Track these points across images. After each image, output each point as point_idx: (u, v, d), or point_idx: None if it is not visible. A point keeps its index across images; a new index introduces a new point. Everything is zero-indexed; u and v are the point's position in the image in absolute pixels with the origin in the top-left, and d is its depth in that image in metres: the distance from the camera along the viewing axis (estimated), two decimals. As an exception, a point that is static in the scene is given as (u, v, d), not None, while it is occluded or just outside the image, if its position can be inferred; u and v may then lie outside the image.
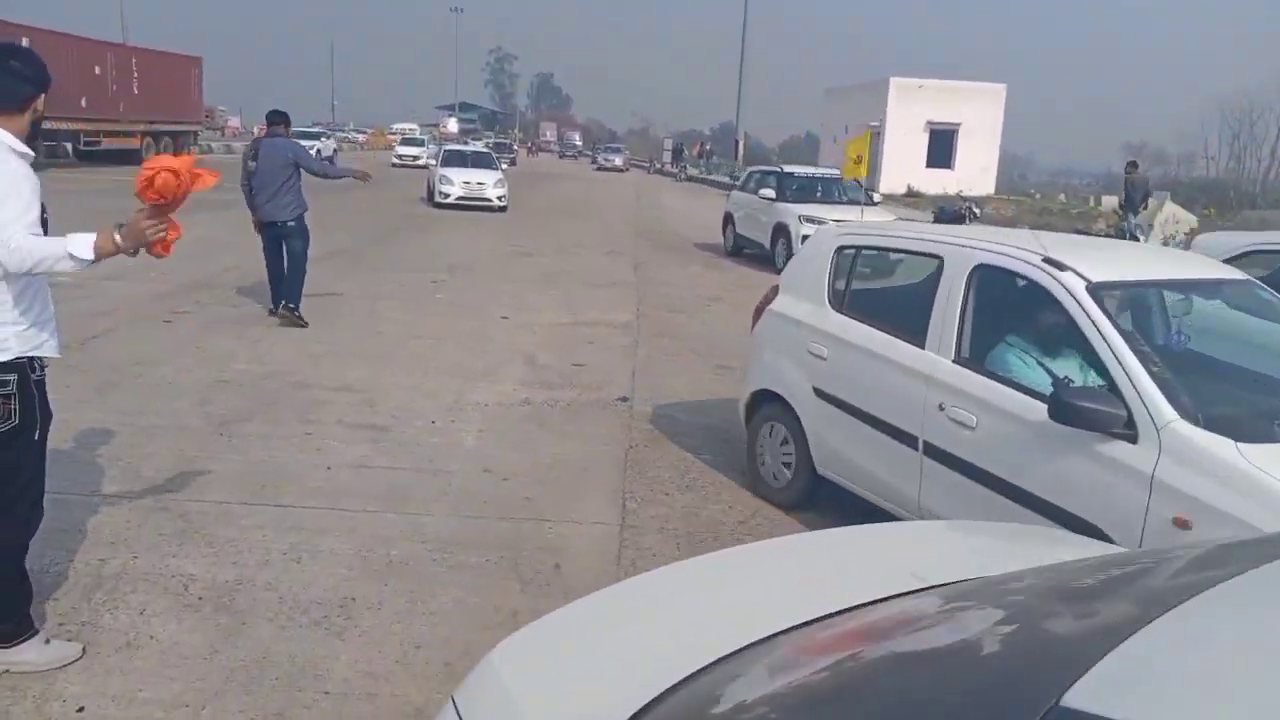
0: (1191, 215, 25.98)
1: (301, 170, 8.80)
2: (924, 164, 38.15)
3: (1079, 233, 16.09)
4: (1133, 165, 20.12)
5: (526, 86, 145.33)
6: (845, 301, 4.75)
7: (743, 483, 5.27)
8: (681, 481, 5.23)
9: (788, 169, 17.95)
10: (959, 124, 38.29)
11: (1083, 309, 3.50)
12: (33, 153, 3.01)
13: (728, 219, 17.44)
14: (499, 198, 22.18)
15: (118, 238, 2.93)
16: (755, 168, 20.07)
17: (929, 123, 38.38)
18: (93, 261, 2.90)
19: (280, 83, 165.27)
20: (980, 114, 38.54)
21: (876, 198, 20.66)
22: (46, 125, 23.51)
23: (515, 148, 61.09)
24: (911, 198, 33.41)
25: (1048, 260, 3.72)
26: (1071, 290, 3.57)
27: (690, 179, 46.20)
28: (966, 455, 3.78)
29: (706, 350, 8.58)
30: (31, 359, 3.03)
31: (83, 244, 2.86)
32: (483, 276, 12.31)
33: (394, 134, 77.43)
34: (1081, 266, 3.65)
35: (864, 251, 4.93)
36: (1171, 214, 24.65)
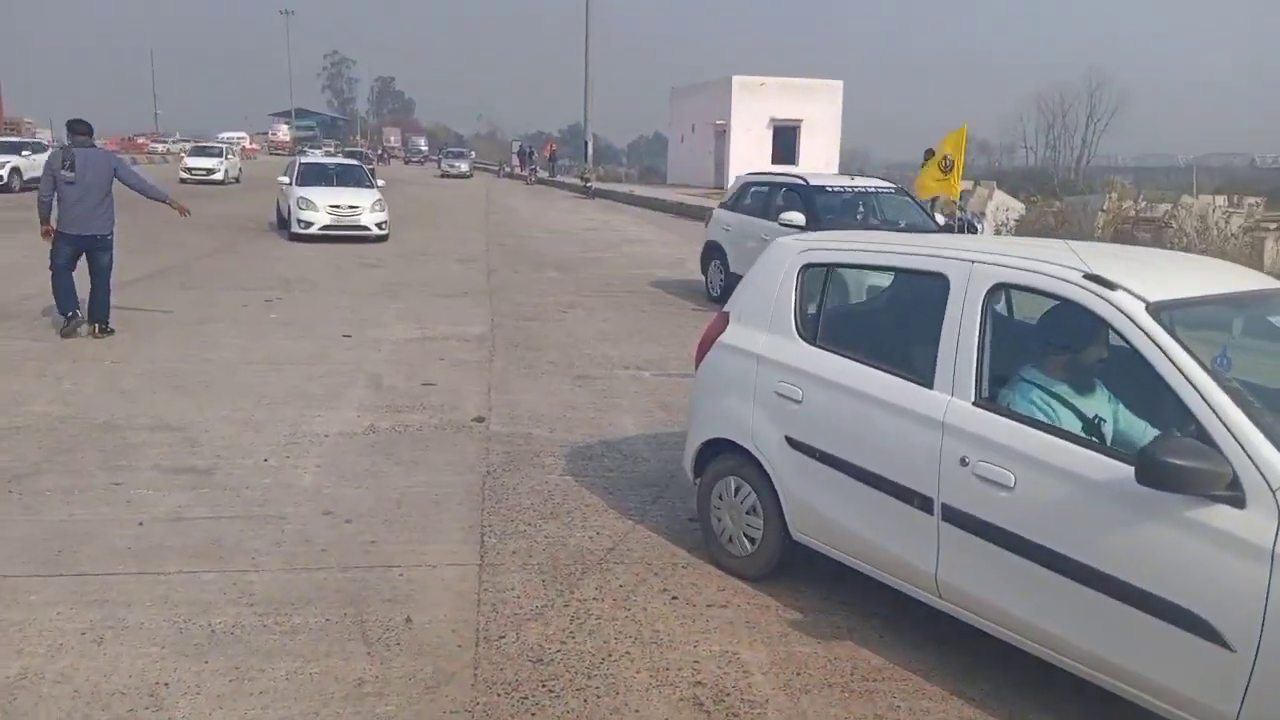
0: (1019, 203, 27.51)
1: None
2: (769, 159, 38.97)
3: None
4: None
5: (367, 91, 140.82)
6: (820, 331, 3.97)
7: (609, 503, 4.96)
8: (544, 508, 4.87)
9: (816, 180, 11.54)
10: (801, 120, 39.31)
11: (1149, 337, 2.86)
12: None
13: (713, 251, 12.20)
14: (378, 224, 17.24)
15: None
16: (754, 176, 13.66)
17: (772, 119, 39.24)
18: None
19: (97, 92, 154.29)
20: (820, 110, 39.69)
21: (984, 225, 17.21)
22: None
23: (370, 157, 52.32)
24: (759, 194, 34.04)
25: (1091, 277, 3.07)
26: (1130, 314, 2.93)
27: (540, 181, 45.72)
28: (1003, 521, 3.09)
29: (565, 361, 8.24)
30: None
31: None
32: (322, 291, 11.56)
33: (215, 145, 73.00)
34: (1133, 284, 3.02)
35: (837, 270, 4.12)
36: (1001, 202, 26.03)
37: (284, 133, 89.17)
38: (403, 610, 3.74)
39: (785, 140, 39.71)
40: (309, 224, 16.66)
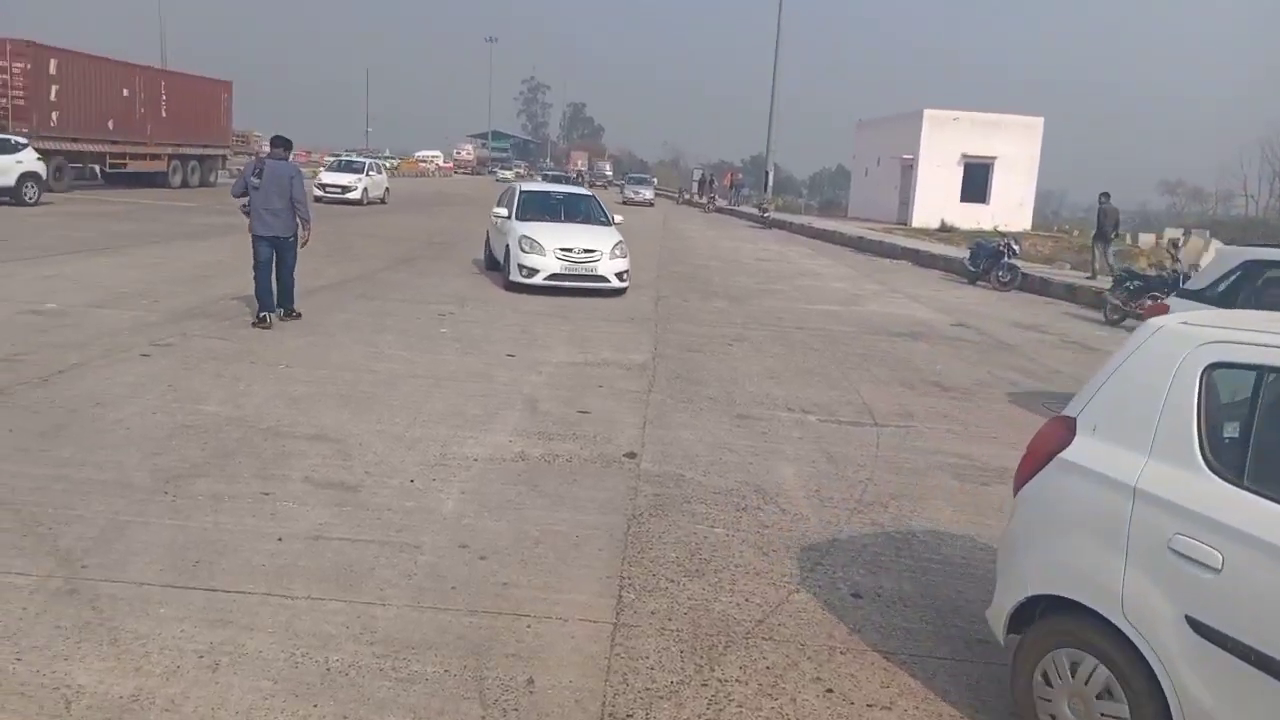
0: (1240, 254, 24.75)
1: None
2: (958, 198, 37.26)
3: (1127, 272, 15.22)
4: (1105, 196, 20.19)
5: (559, 116, 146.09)
6: (1250, 466, 2.73)
7: (761, 565, 4.49)
8: (690, 564, 4.46)
9: None
10: (995, 157, 37.40)
11: None
12: None
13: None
14: (618, 274, 13.41)
15: None
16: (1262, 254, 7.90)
17: (964, 155, 37.52)
18: None
19: (314, 109, 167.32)
20: (1017, 147, 37.62)
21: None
22: (74, 147, 23.42)
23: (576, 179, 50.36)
24: (945, 232, 32.54)
25: None
26: None
27: (718, 210, 45.64)
28: None
29: (726, 397, 7.82)
30: None
31: None
32: (494, 308, 11.66)
33: (424, 160, 77.49)
34: None
35: (1272, 375, 2.77)
36: (1220, 251, 23.48)
37: (468, 152, 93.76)
38: (526, 669, 3.41)
39: (976, 178, 37.87)
40: (533, 271, 12.91)
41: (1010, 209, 36.33)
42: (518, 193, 15.05)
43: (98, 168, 29.25)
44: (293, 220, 9.61)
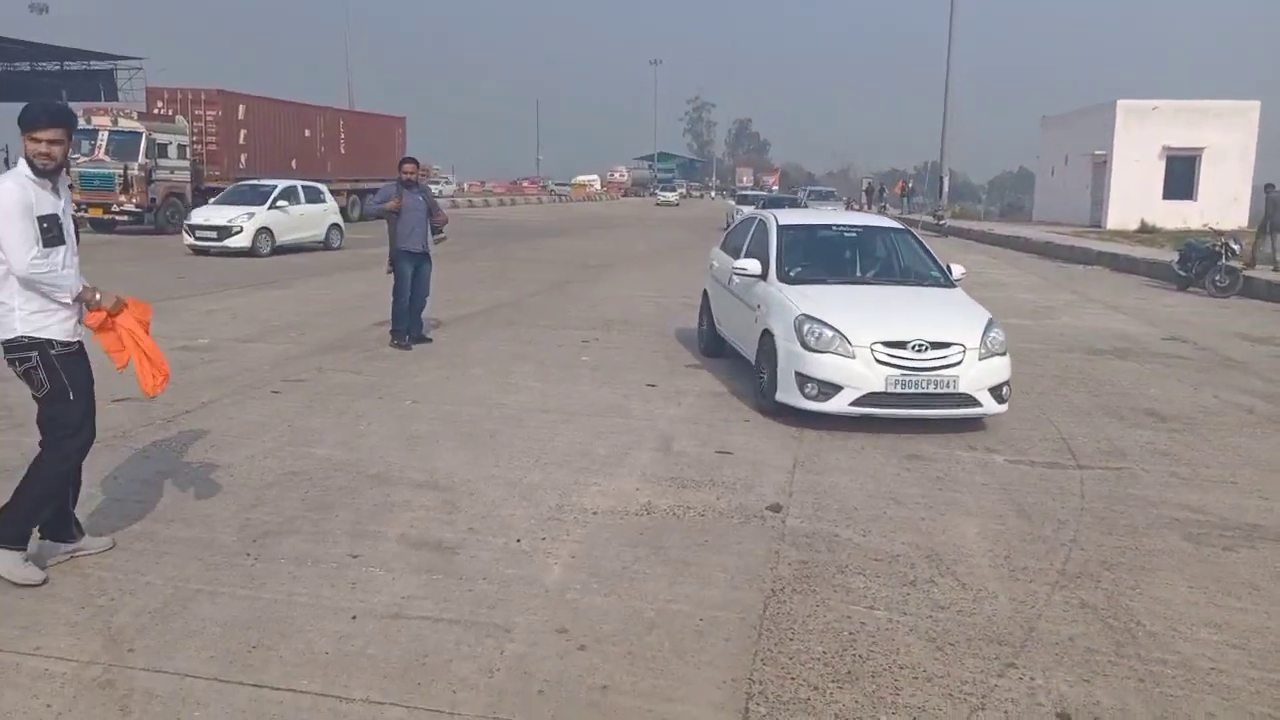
0: None
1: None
2: (1160, 195, 33.84)
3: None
4: (1270, 186, 19.07)
5: (724, 133, 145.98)
6: None
7: (934, 666, 3.50)
8: (839, 663, 3.53)
9: None
10: (1202, 148, 33.73)
11: None
12: (44, 178, 3.82)
13: None
14: (994, 390, 6.84)
15: (98, 295, 3.98)
16: None
17: (1165, 148, 34.03)
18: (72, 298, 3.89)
19: (487, 139, 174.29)
20: (1228, 136, 33.79)
21: None
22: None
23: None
24: (1146, 233, 29.50)
25: None
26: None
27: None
28: None
29: (893, 430, 6.76)
30: (49, 340, 3.85)
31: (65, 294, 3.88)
32: (640, 333, 11.00)
33: (590, 184, 78.51)
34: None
35: None
36: None
37: (621, 174, 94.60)
38: (613, 821, 2.61)
39: (1181, 171, 34.31)
40: (829, 388, 6.70)
41: (1223, 205, 32.52)
42: (773, 230, 8.30)
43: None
44: (429, 237, 9.93)
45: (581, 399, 7.62)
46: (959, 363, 6.67)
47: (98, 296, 3.98)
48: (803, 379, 6.72)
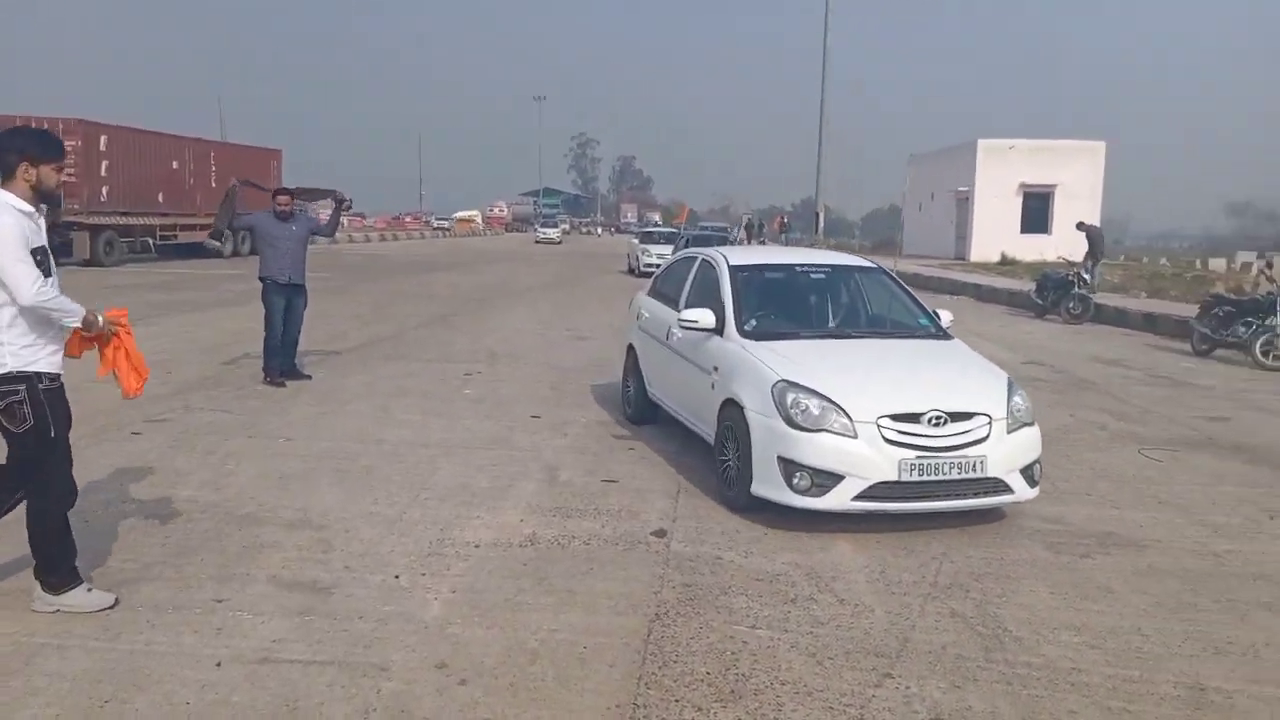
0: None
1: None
2: (1018, 229, 35.87)
3: (1216, 297, 13.90)
4: (1082, 223, 22.04)
5: (609, 170, 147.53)
6: None
7: (815, 680, 3.56)
8: (723, 682, 3.55)
9: None
10: (1055, 185, 36.00)
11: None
12: (34, 210, 3.75)
13: None
14: (1025, 470, 5.43)
15: (100, 319, 3.97)
16: None
17: (1022, 185, 36.20)
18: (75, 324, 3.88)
19: (368, 173, 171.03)
20: (1078, 174, 36.18)
21: None
22: (124, 221, 23.69)
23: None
24: (1006, 265, 31.20)
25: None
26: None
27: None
28: None
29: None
30: (37, 373, 3.79)
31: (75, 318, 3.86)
32: (526, 365, 10.92)
33: (470, 220, 77.74)
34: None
35: None
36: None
37: (500, 208, 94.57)
38: None
39: (1037, 207, 36.49)
40: (829, 479, 5.13)
41: (1075, 238, 34.59)
42: (725, 273, 6.73)
43: (149, 240, 29.57)
44: (304, 270, 9.66)
45: (464, 432, 7.49)
46: (985, 438, 5.25)
47: (100, 320, 3.97)
48: (790, 467, 5.13)
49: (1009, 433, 5.37)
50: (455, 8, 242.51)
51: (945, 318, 6.80)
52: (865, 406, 5.19)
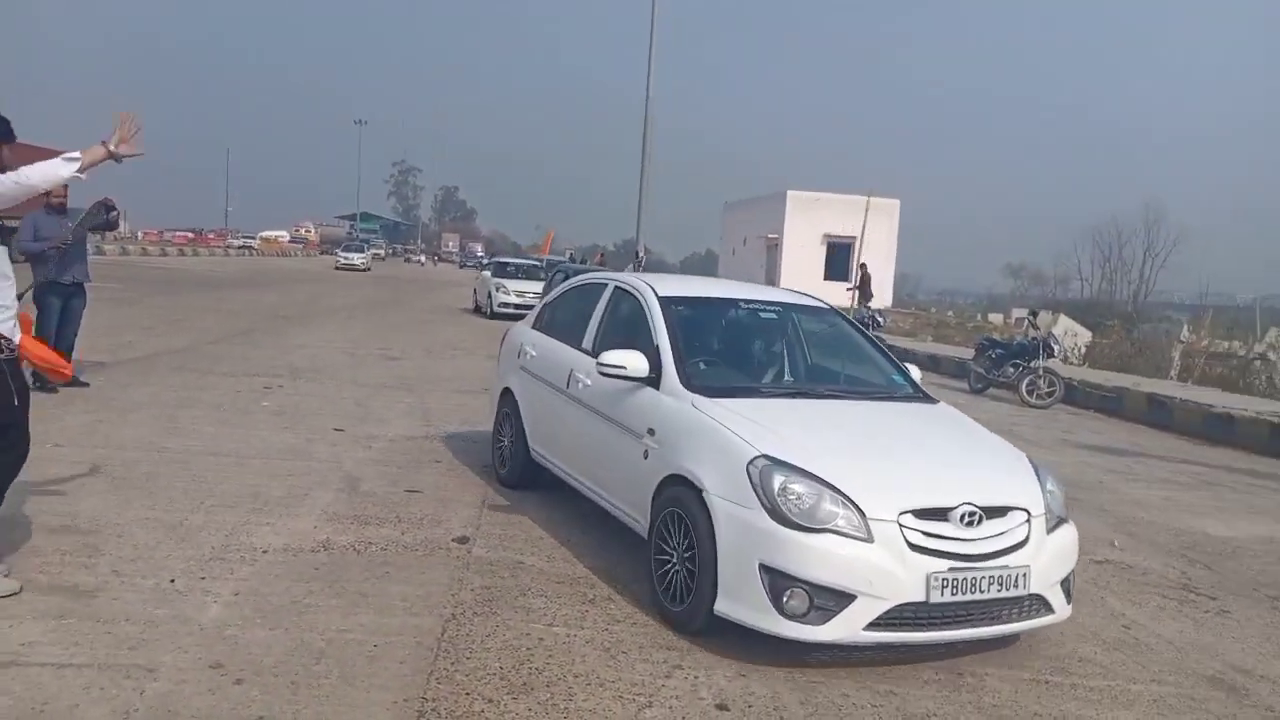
0: (1085, 329, 26.19)
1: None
2: (822, 276, 38.08)
3: (989, 340, 15.27)
4: (863, 265, 25.18)
5: (431, 199, 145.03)
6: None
7: (608, 673, 3.61)
8: (516, 676, 3.53)
9: None
10: (854, 237, 38.50)
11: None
12: None
13: None
14: (1064, 583, 4.20)
15: (111, 147, 3.83)
16: None
17: (826, 235, 38.54)
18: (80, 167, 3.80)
19: (168, 185, 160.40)
20: (875, 228, 38.86)
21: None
22: None
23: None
24: (811, 309, 33.02)
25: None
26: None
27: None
28: None
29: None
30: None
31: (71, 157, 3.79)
32: (331, 382, 10.51)
33: (276, 239, 74.16)
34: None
35: None
36: (1068, 326, 24.78)
37: (308, 229, 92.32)
38: None
39: (839, 256, 38.90)
40: (835, 599, 3.74)
41: (874, 286, 37.29)
42: (655, 307, 5.20)
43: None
44: (87, 268, 9.04)
45: (260, 442, 7.12)
46: (1025, 540, 3.99)
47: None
48: (778, 580, 3.74)
49: (1049, 533, 4.10)
50: (275, 21, 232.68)
51: (914, 373, 5.49)
52: (881, 498, 3.82)
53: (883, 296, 37.73)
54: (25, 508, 5.04)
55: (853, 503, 3.79)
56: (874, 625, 3.72)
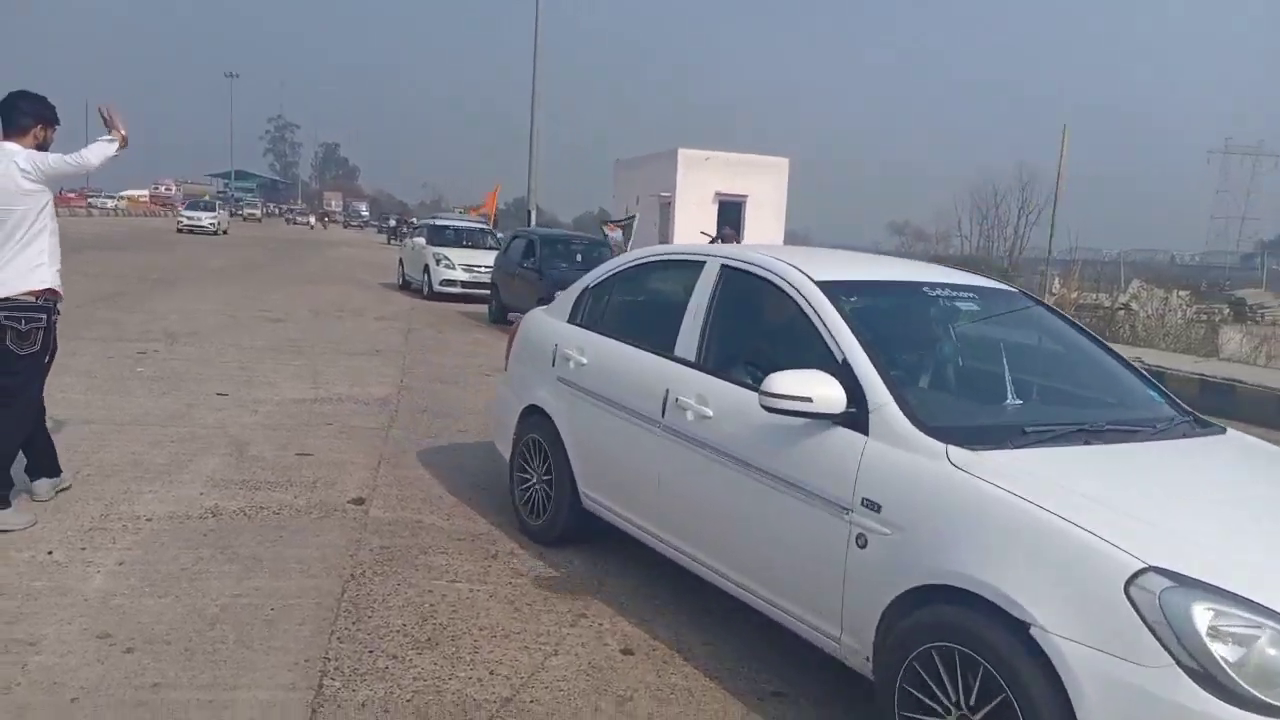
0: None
1: None
2: (714, 233, 38.51)
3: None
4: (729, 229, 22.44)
5: (310, 157, 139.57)
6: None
7: (513, 625, 3.63)
8: (420, 632, 3.52)
9: None
10: (746, 196, 39.01)
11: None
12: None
13: None
14: None
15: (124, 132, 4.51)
16: None
17: (718, 193, 38.85)
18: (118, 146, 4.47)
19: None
20: (766, 187, 39.46)
21: None
22: None
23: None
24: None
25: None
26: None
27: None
28: None
29: (482, 428, 6.91)
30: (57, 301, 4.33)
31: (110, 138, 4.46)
32: (211, 346, 10.08)
33: (139, 198, 70.29)
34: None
35: None
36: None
37: (169, 186, 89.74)
38: (161, 816, 2.35)
39: (730, 214, 39.31)
40: None
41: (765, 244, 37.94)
42: (818, 300, 3.36)
43: None
44: None
45: (137, 409, 6.80)
46: None
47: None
48: None
49: None
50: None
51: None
52: None
53: (772, 254, 38.43)
54: (-123, 483, 4.69)
55: None
56: None
